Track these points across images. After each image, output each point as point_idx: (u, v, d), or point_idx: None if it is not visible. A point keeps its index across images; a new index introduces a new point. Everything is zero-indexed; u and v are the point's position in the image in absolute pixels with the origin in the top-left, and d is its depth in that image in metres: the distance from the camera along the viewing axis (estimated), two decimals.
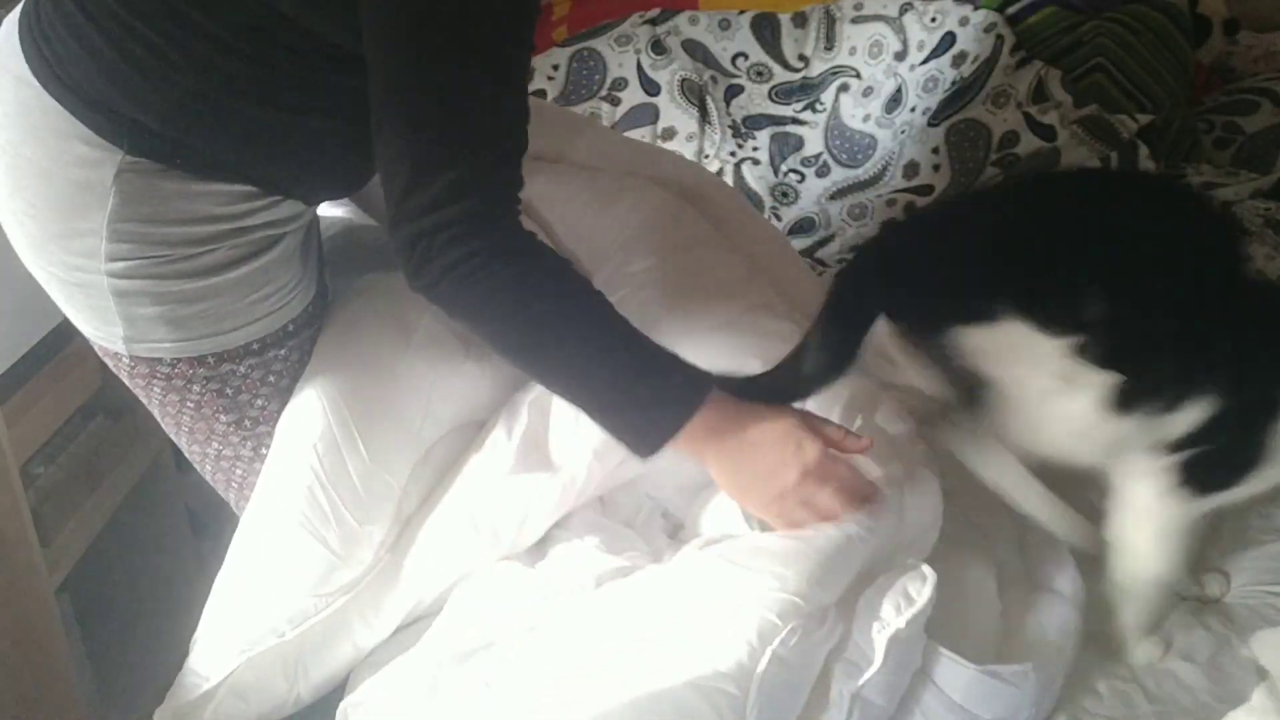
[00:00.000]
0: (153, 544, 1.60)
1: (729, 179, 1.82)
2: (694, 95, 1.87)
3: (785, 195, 1.83)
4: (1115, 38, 1.83)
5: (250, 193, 0.88)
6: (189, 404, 0.96)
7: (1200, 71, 2.04)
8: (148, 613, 1.54)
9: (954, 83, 1.80)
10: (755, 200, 1.82)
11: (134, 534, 1.54)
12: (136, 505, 1.54)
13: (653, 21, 1.91)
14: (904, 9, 1.87)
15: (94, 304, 0.90)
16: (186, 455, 1.04)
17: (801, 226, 1.79)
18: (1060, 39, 1.84)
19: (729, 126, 1.86)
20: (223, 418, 0.96)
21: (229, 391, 0.95)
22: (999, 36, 1.80)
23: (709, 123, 1.86)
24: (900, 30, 1.87)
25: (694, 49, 1.90)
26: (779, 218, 1.80)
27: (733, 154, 1.85)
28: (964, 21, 1.83)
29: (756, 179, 1.83)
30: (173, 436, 1.03)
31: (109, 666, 1.43)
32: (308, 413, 0.97)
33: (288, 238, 0.94)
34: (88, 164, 0.84)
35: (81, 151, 0.83)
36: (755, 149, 1.85)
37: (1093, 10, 1.87)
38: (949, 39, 1.83)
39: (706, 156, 1.84)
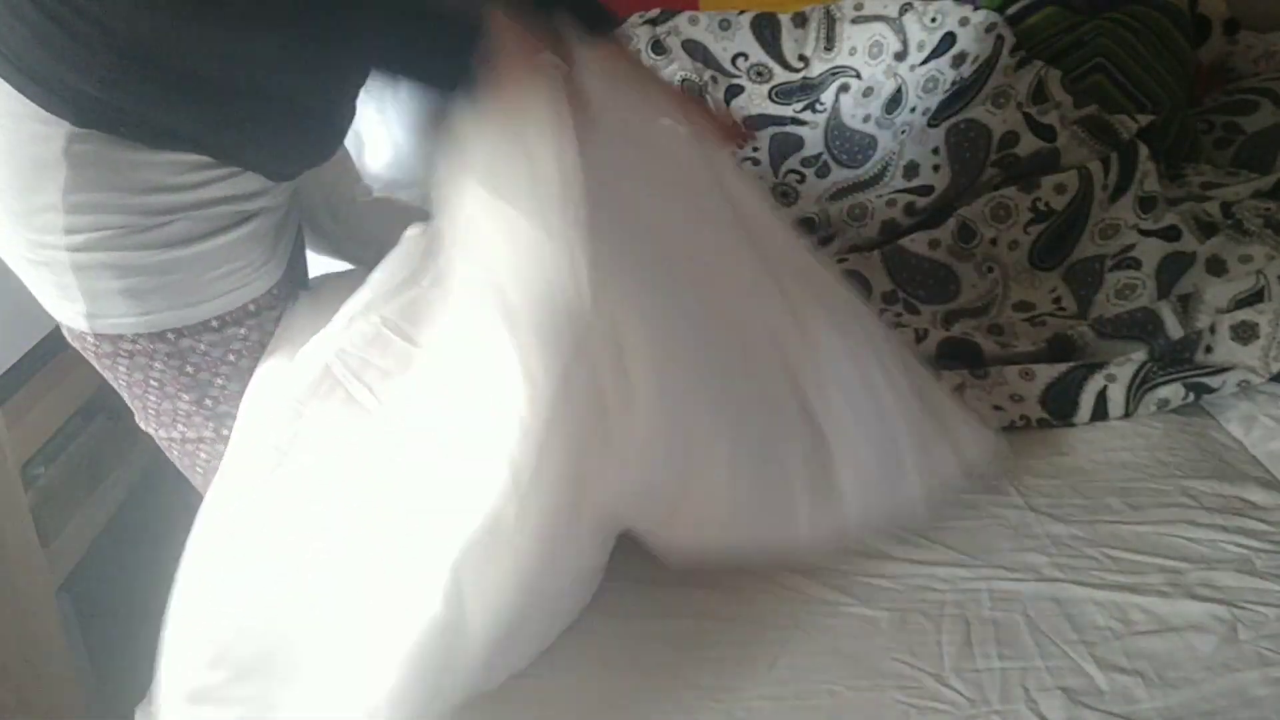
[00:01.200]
0: (153, 544, 1.60)
1: None
2: (694, 95, 1.87)
3: (785, 195, 1.83)
4: (1115, 38, 1.83)
5: (203, 162, 0.88)
6: (152, 383, 0.97)
7: (1200, 71, 2.04)
8: (148, 613, 1.54)
9: (954, 83, 1.80)
10: None
11: (134, 534, 1.54)
12: (136, 505, 1.54)
13: (653, 21, 1.91)
14: (904, 9, 1.87)
15: (57, 281, 0.90)
16: (159, 444, 1.05)
17: (801, 227, 1.79)
18: (1060, 39, 1.84)
19: (729, 127, 1.86)
20: (185, 396, 0.97)
21: (189, 369, 0.96)
22: (999, 37, 1.80)
23: None
24: (900, 30, 1.87)
25: (694, 49, 1.90)
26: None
27: (733, 154, 1.85)
28: (964, 22, 1.83)
29: (756, 179, 1.83)
30: (143, 424, 1.04)
31: (109, 666, 1.43)
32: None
33: (260, 218, 0.94)
34: (39, 140, 0.84)
35: (34, 128, 0.84)
36: (755, 149, 1.85)
37: (1093, 10, 1.87)
38: (949, 39, 1.83)
39: None
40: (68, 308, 0.92)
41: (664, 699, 0.95)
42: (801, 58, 1.90)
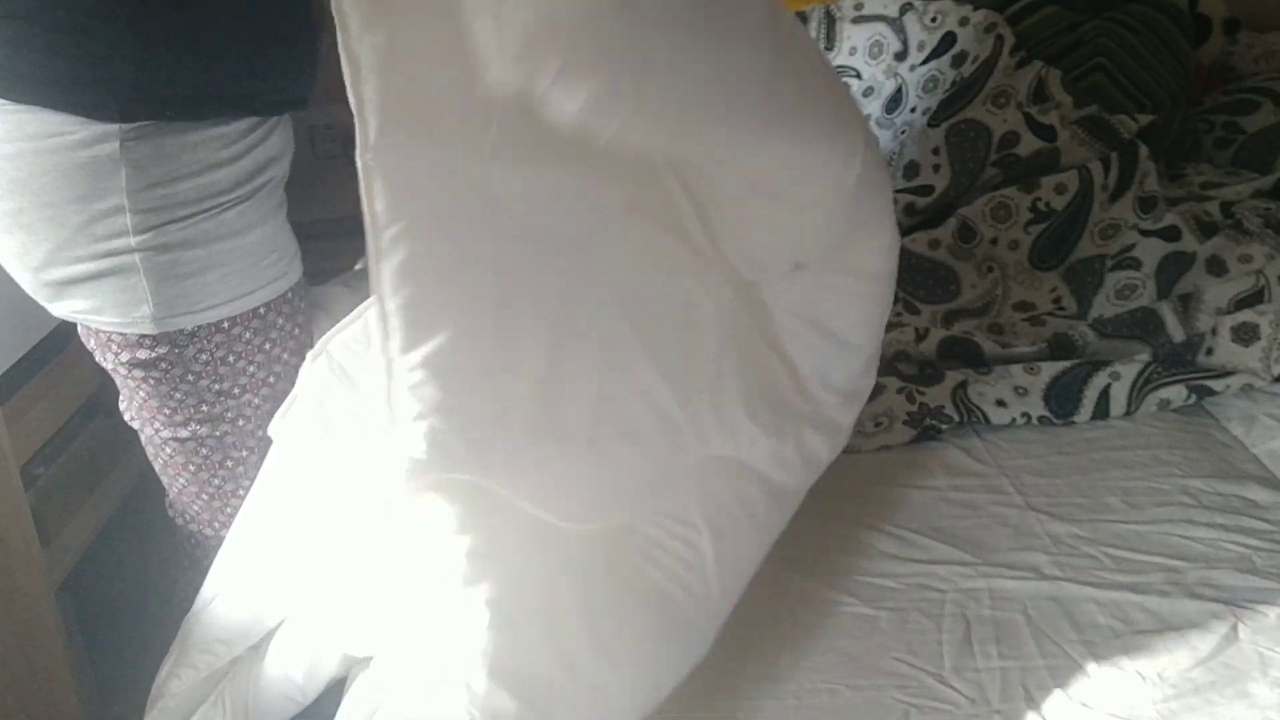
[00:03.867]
0: (153, 544, 1.60)
1: None
2: None
3: None
4: (1115, 38, 1.83)
5: (238, 132, 0.90)
6: (189, 377, 0.98)
7: (1200, 71, 2.04)
8: (147, 613, 1.54)
9: (954, 83, 1.80)
10: None
11: (134, 534, 1.54)
12: (136, 505, 1.54)
13: None
14: (904, 9, 1.87)
15: (124, 285, 0.91)
16: (147, 443, 1.06)
17: None
18: (1060, 39, 1.84)
19: None
20: (215, 388, 0.98)
21: (230, 358, 0.98)
22: (999, 36, 1.80)
23: None
24: (900, 30, 1.87)
25: None
26: None
27: None
28: (964, 21, 1.83)
29: None
30: (138, 423, 1.04)
31: (109, 666, 1.43)
32: None
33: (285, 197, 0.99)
34: (90, 144, 0.85)
35: (80, 135, 0.84)
36: None
37: (1093, 10, 1.87)
38: (949, 39, 1.83)
39: None
40: (131, 312, 0.93)
41: (663, 698, 0.95)
42: None
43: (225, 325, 0.96)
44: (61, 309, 0.96)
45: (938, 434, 1.33)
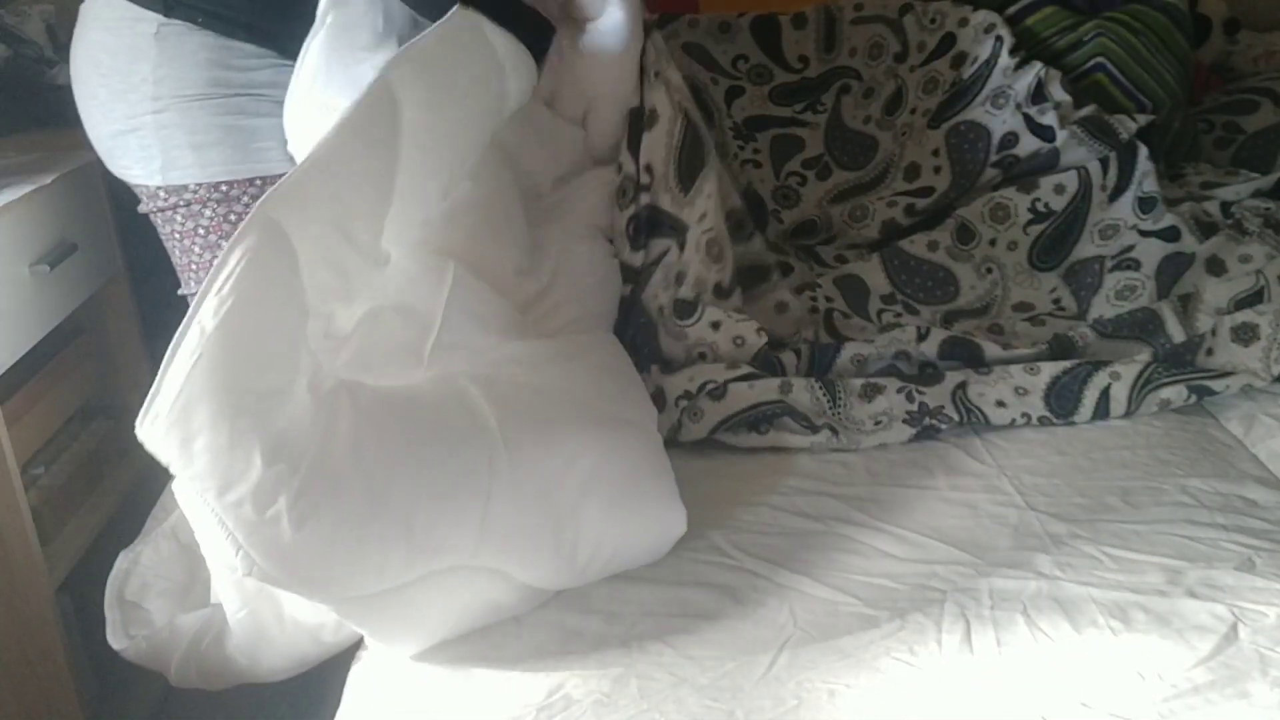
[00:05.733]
0: None
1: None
2: (694, 97, 1.87)
3: (786, 198, 1.83)
4: (1115, 38, 1.83)
5: (250, 50, 1.20)
6: (200, 231, 1.25)
7: (1200, 71, 2.04)
8: None
9: (954, 84, 1.80)
10: (757, 203, 1.82)
11: (134, 534, 1.54)
12: (136, 505, 1.54)
13: (653, 25, 1.91)
14: (904, 10, 1.87)
15: (141, 144, 1.22)
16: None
17: (803, 229, 1.79)
18: (1060, 39, 1.84)
19: (730, 128, 1.86)
20: (224, 245, 1.09)
21: (233, 218, 1.23)
22: (998, 37, 1.80)
23: (710, 125, 1.86)
24: (900, 31, 1.87)
25: (694, 51, 1.90)
26: (780, 220, 1.80)
27: (734, 156, 1.85)
28: (963, 22, 1.83)
29: (758, 182, 1.83)
30: (183, 279, 1.30)
31: (109, 666, 1.43)
32: None
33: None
34: (138, 31, 1.18)
35: (133, 23, 1.18)
36: (756, 151, 1.85)
37: (1093, 10, 1.87)
38: (949, 40, 1.83)
39: None
40: (147, 167, 1.23)
41: (663, 699, 0.95)
42: (801, 58, 1.90)
43: (224, 188, 1.21)
44: (114, 166, 1.27)
45: (938, 434, 1.33)
